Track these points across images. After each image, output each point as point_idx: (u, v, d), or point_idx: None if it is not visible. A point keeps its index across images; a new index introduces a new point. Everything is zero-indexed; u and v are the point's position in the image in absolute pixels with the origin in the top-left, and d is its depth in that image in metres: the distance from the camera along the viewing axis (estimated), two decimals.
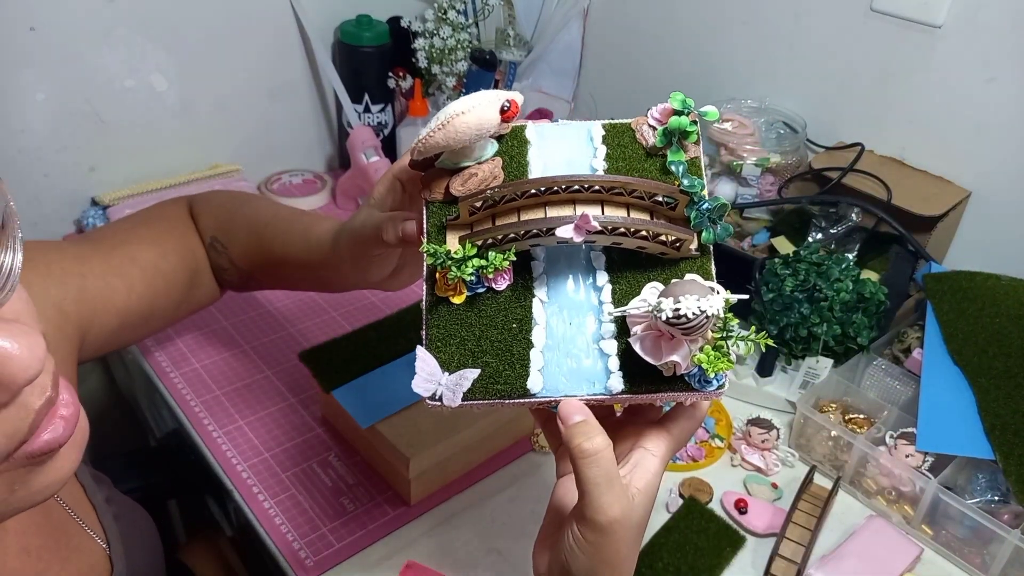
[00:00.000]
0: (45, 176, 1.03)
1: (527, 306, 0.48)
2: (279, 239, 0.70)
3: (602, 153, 0.52)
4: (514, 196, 0.48)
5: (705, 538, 0.70)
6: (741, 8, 1.14)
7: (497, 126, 0.48)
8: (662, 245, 0.47)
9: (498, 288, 0.48)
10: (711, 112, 0.51)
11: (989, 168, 0.96)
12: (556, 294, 0.48)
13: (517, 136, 0.53)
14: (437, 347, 0.47)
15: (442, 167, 0.51)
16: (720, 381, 0.45)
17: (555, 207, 0.48)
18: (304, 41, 1.18)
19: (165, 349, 0.89)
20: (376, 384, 0.75)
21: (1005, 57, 0.91)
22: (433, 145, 0.48)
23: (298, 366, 0.85)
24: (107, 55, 1.01)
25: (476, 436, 0.74)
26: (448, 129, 0.47)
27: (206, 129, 1.15)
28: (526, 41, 1.32)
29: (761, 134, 1.07)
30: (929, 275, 0.85)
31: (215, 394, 0.84)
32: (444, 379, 0.46)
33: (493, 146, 0.52)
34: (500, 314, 0.47)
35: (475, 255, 0.47)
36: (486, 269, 0.47)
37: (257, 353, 0.90)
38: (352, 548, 0.69)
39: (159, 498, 0.99)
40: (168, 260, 0.71)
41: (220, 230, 0.74)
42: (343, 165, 1.30)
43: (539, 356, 0.46)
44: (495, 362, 0.46)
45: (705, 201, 0.48)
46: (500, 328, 0.47)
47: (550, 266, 0.49)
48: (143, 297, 0.68)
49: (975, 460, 0.73)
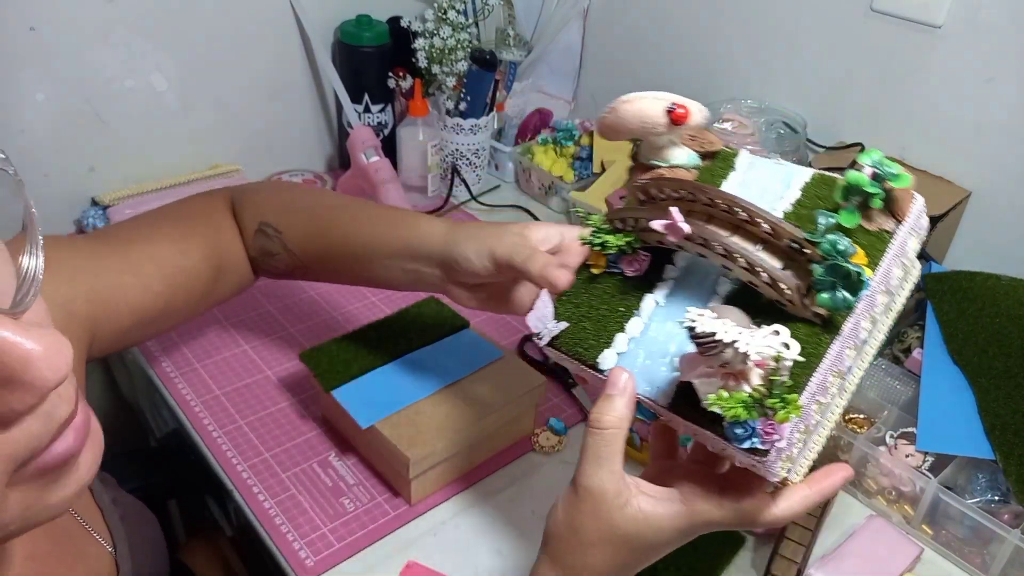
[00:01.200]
0: (45, 176, 1.03)
1: (639, 298, 0.52)
2: (351, 229, 0.70)
3: (792, 196, 0.51)
4: (667, 196, 0.51)
5: (705, 538, 0.70)
6: (741, 8, 1.14)
7: (663, 125, 0.51)
8: (769, 288, 0.45)
9: (626, 273, 0.53)
10: (901, 177, 0.46)
11: (989, 168, 0.96)
12: (671, 302, 0.51)
13: (726, 160, 0.55)
14: (561, 299, 0.55)
15: (642, 162, 0.55)
16: (752, 439, 0.42)
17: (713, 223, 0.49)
18: (304, 41, 1.18)
19: (166, 349, 0.90)
20: (376, 384, 0.75)
21: (1005, 57, 0.91)
22: (605, 126, 0.52)
23: (298, 366, 0.85)
24: (107, 55, 1.01)
25: (476, 436, 0.74)
26: (615, 113, 0.51)
27: (206, 129, 1.15)
28: (526, 41, 1.32)
29: (761, 134, 1.07)
30: (929, 275, 0.85)
31: (215, 394, 0.84)
32: (551, 324, 0.53)
33: (691, 157, 0.54)
34: (616, 295, 0.53)
35: (609, 232, 0.53)
36: (606, 246, 0.53)
37: (257, 353, 0.90)
38: (352, 548, 0.69)
39: (159, 498, 0.99)
40: (189, 257, 0.70)
41: (274, 214, 0.73)
42: (343, 165, 1.30)
43: (624, 342, 0.50)
44: (590, 328, 0.52)
45: (835, 260, 0.43)
46: (609, 305, 0.53)
47: (682, 277, 0.52)
48: (160, 295, 0.67)
49: (975, 460, 0.73)
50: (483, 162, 1.28)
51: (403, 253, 0.67)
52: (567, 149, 1.25)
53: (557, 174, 1.22)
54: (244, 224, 0.74)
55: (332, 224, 0.71)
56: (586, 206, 1.13)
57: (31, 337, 0.28)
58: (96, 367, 1.19)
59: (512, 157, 1.29)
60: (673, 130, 0.51)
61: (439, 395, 0.74)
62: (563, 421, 0.81)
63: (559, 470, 0.78)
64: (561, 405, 0.86)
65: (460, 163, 1.25)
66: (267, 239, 0.73)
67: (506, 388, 0.76)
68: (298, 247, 0.72)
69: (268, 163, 1.23)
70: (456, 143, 1.23)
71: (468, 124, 1.21)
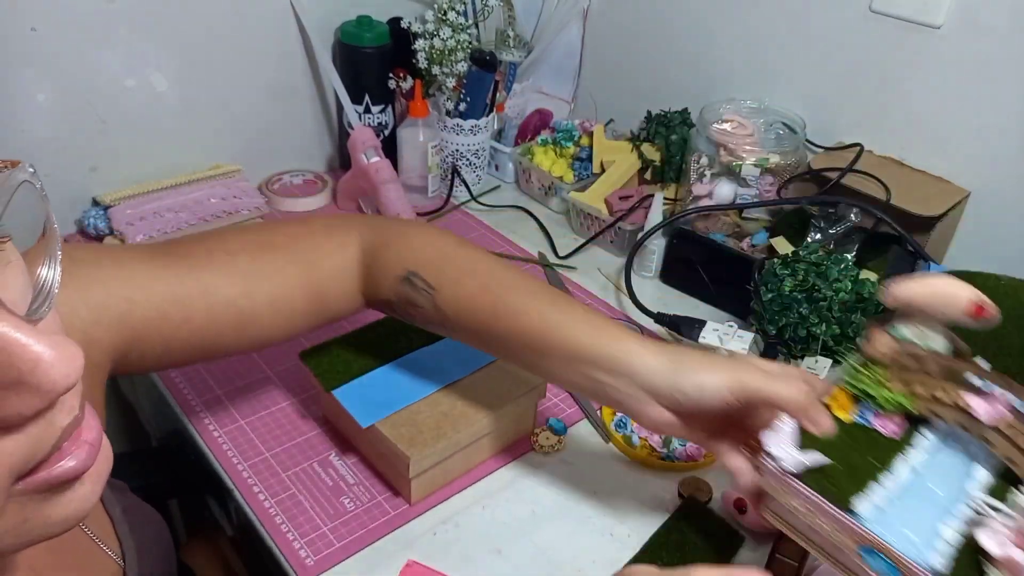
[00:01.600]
0: (46, 176, 1.02)
1: (893, 457, 0.52)
2: (534, 318, 0.62)
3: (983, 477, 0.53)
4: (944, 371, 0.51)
5: (703, 537, 0.71)
6: (740, 9, 1.14)
7: (963, 312, 0.51)
8: None
9: (882, 430, 0.53)
10: None
11: (988, 168, 0.96)
12: (927, 467, 0.52)
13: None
14: (806, 432, 0.52)
15: (890, 332, 0.56)
16: None
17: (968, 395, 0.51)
18: (305, 42, 1.18)
19: None
20: (377, 384, 0.75)
21: (1004, 58, 0.91)
22: (902, 295, 0.53)
23: (298, 366, 0.85)
24: (108, 55, 1.01)
25: (475, 436, 0.74)
26: (919, 283, 0.53)
27: (207, 129, 1.15)
28: (526, 42, 1.32)
29: (760, 134, 1.07)
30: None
31: (216, 394, 0.84)
32: (800, 455, 0.50)
33: (947, 347, 0.55)
34: (870, 447, 0.52)
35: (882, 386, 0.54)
36: (875, 402, 0.53)
37: (258, 353, 0.90)
38: (352, 548, 0.69)
39: (160, 498, 0.99)
40: (253, 299, 0.62)
41: (428, 267, 0.65)
42: (344, 166, 1.30)
43: (879, 493, 0.49)
44: (841, 468, 0.50)
45: None
46: (862, 454, 0.52)
47: (937, 447, 0.53)
48: (198, 329, 0.59)
49: None
50: (483, 163, 1.28)
51: (598, 364, 0.60)
52: (567, 150, 1.25)
53: (557, 175, 1.23)
54: (386, 263, 0.66)
55: (507, 302, 0.63)
56: (591, 209, 1.13)
57: (42, 341, 0.28)
58: None
59: (512, 158, 1.29)
60: (966, 321, 0.52)
61: (439, 395, 0.75)
62: (563, 421, 0.81)
63: (559, 470, 0.78)
64: (561, 405, 0.86)
65: (460, 164, 1.25)
66: (415, 290, 0.65)
67: (506, 388, 0.76)
68: (453, 311, 0.64)
69: (269, 163, 1.24)
70: (456, 144, 1.23)
71: (468, 125, 1.21)
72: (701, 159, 1.10)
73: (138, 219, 1.03)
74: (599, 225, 1.13)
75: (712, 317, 0.96)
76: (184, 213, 1.06)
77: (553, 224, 1.21)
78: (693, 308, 1.03)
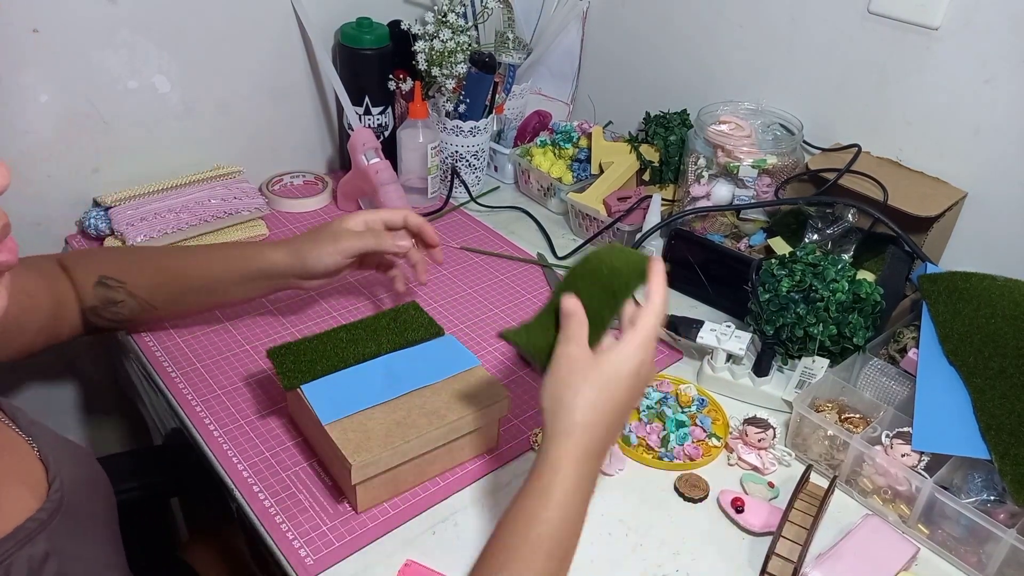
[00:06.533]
0: (48, 177, 1.04)
1: None
2: (203, 269, 0.85)
3: None
4: None
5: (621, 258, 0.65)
6: (738, 10, 1.15)
7: None
8: None
9: None
10: None
11: (985, 169, 0.97)
12: None
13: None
14: None
15: None
16: None
17: None
18: (305, 43, 1.19)
19: (167, 349, 0.90)
20: (340, 385, 0.74)
21: (1002, 59, 0.91)
22: None
23: None
24: (110, 57, 1.02)
25: (428, 446, 0.71)
26: None
27: (208, 131, 1.16)
28: (525, 44, 1.33)
29: (758, 136, 1.07)
30: (925, 276, 0.85)
31: (216, 393, 0.84)
32: None
33: None
34: None
35: None
36: None
37: (258, 353, 0.90)
38: (352, 547, 0.69)
39: (161, 497, 1.00)
40: (35, 296, 0.77)
41: (112, 268, 0.83)
42: (344, 167, 1.31)
43: None
44: None
45: None
46: None
47: None
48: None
49: (971, 460, 0.73)
50: (482, 164, 1.29)
51: (255, 276, 0.85)
52: (565, 151, 1.26)
53: (556, 176, 1.23)
54: (78, 280, 0.82)
55: (181, 268, 0.85)
56: (590, 210, 1.14)
57: None
58: (98, 367, 1.20)
59: (511, 159, 1.30)
60: None
61: (397, 401, 0.73)
62: None
63: None
64: None
65: (460, 165, 1.26)
66: (109, 289, 0.82)
67: (467, 400, 0.74)
68: (146, 293, 0.84)
69: (269, 164, 1.24)
70: (456, 145, 1.24)
71: (467, 126, 1.22)
72: (699, 160, 1.10)
73: (139, 220, 1.03)
74: (598, 226, 1.14)
75: (710, 317, 0.96)
76: (185, 214, 1.06)
77: (552, 225, 1.21)
78: (691, 308, 1.04)
